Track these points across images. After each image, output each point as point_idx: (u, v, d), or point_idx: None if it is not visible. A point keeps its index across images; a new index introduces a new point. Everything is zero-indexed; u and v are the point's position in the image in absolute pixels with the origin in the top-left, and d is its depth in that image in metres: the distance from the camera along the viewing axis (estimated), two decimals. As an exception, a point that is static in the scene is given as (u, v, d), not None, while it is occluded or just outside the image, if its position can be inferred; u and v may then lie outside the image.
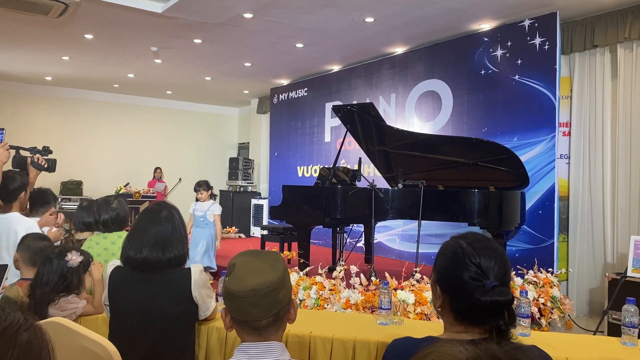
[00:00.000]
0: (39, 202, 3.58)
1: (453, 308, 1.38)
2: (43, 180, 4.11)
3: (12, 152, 2.92)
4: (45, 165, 3.77)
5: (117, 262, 2.20)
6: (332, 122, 8.99)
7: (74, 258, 2.46)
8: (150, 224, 2.17)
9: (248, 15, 6.25)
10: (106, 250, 3.15)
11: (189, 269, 2.18)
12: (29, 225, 3.05)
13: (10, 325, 0.83)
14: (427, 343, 1.38)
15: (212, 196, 6.30)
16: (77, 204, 10.12)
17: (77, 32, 7.13)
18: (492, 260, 1.36)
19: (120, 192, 10.43)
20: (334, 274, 4.89)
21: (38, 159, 3.72)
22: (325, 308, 4.53)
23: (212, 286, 2.33)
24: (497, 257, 1.37)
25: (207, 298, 2.22)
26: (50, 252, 2.50)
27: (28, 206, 3.59)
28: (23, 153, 3.95)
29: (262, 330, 1.39)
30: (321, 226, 6.08)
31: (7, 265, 2.34)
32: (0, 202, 3.08)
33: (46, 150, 3.99)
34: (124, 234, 3.23)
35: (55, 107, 11.40)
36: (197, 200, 6.21)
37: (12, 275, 2.75)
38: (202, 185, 6.19)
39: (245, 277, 1.38)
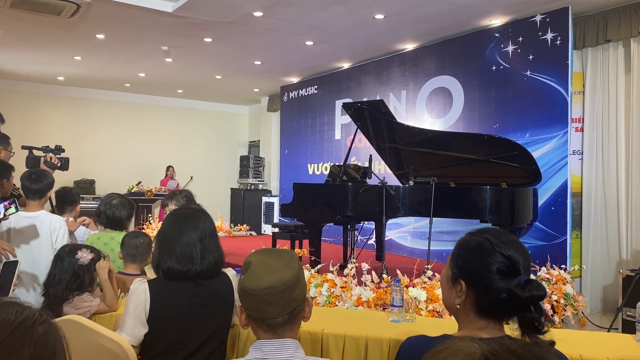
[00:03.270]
0: (67, 201, 3.66)
1: (479, 304, 1.34)
2: (56, 179, 4.15)
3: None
4: (58, 164, 3.81)
5: (141, 279, 1.99)
6: (342, 119, 8.98)
7: (84, 256, 2.48)
8: (194, 230, 1.99)
9: (258, 14, 6.26)
10: (105, 246, 3.20)
11: (227, 274, 2.11)
12: (57, 221, 3.10)
13: (26, 319, 0.85)
14: (442, 341, 1.38)
15: None
16: (90, 202, 10.24)
17: (89, 32, 7.19)
18: (520, 254, 1.34)
19: (133, 191, 10.50)
20: (345, 271, 4.89)
21: (51, 158, 3.76)
22: (336, 305, 4.54)
23: None
24: (523, 251, 1.36)
25: (239, 302, 2.16)
26: (61, 250, 2.53)
27: (54, 205, 3.66)
28: (36, 152, 3.99)
29: (277, 328, 1.40)
30: (332, 224, 6.09)
31: (17, 262, 2.37)
32: (25, 200, 3.11)
33: (59, 149, 4.03)
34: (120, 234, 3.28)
35: (68, 106, 11.50)
36: None
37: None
38: (174, 197, 3.64)
39: (260, 275, 1.39)
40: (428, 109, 7.46)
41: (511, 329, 1.34)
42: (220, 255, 2.06)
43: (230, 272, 2.13)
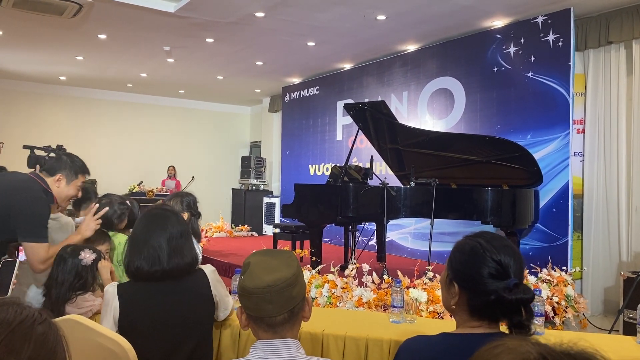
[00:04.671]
0: (82, 199, 3.65)
1: (471, 305, 1.39)
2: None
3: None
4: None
5: (114, 283, 2.06)
6: (343, 120, 8.99)
7: (87, 256, 2.48)
8: (162, 231, 2.02)
9: (260, 14, 6.27)
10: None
11: (201, 269, 2.12)
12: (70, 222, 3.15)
13: (26, 319, 0.86)
14: (442, 340, 1.39)
15: (190, 225, 3.11)
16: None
17: (91, 32, 7.20)
18: (511, 258, 1.38)
19: (134, 191, 10.51)
20: (346, 272, 4.89)
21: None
22: (337, 306, 4.54)
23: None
24: (515, 255, 1.40)
25: (225, 297, 2.20)
26: (62, 251, 2.53)
27: (71, 205, 3.67)
28: (37, 152, 4.00)
29: (277, 327, 1.40)
30: (333, 224, 6.09)
31: (15, 261, 2.37)
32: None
33: (60, 149, 4.04)
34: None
35: (69, 106, 11.51)
36: None
37: None
38: (173, 199, 3.47)
39: (260, 274, 1.40)
40: (429, 110, 7.46)
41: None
42: (192, 255, 2.06)
43: (207, 268, 2.14)
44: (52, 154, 3.89)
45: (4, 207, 2.56)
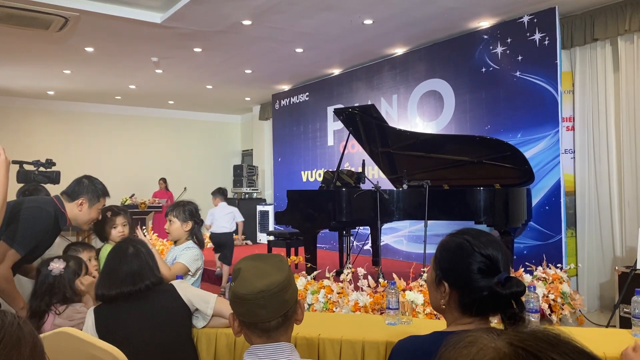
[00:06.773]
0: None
1: (462, 302, 1.38)
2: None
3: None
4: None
5: (91, 312, 2.21)
6: (334, 125, 8.99)
7: (55, 266, 2.45)
8: (118, 263, 2.24)
9: (247, 22, 6.27)
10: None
11: (171, 284, 2.29)
12: None
13: (12, 321, 0.90)
14: (434, 339, 1.38)
15: (193, 234, 3.23)
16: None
17: (78, 45, 7.18)
18: (498, 252, 1.38)
19: (126, 203, 10.44)
20: (342, 277, 4.87)
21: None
22: (333, 311, 4.52)
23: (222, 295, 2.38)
24: (502, 249, 1.40)
25: (202, 295, 2.29)
26: (40, 263, 2.53)
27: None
28: (27, 167, 3.97)
29: (272, 331, 1.39)
30: (327, 230, 6.07)
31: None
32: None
33: (49, 163, 4.01)
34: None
35: (58, 120, 11.46)
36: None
37: None
38: (175, 209, 3.26)
39: (252, 280, 1.38)
40: (420, 112, 7.48)
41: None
42: (149, 280, 2.22)
43: (175, 281, 2.36)
44: (41, 168, 3.86)
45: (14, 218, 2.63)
